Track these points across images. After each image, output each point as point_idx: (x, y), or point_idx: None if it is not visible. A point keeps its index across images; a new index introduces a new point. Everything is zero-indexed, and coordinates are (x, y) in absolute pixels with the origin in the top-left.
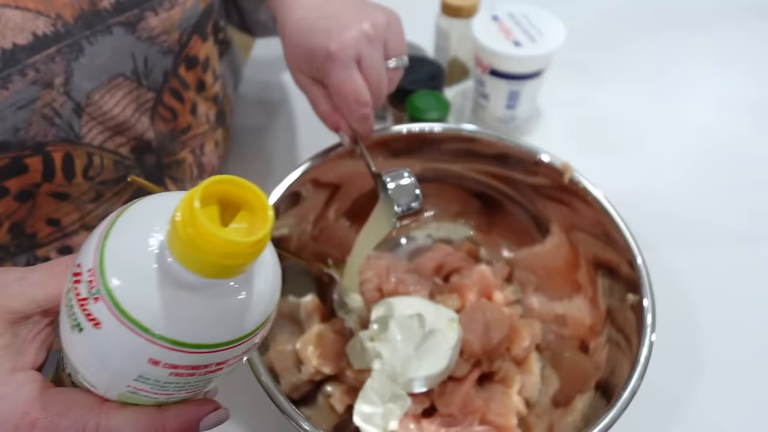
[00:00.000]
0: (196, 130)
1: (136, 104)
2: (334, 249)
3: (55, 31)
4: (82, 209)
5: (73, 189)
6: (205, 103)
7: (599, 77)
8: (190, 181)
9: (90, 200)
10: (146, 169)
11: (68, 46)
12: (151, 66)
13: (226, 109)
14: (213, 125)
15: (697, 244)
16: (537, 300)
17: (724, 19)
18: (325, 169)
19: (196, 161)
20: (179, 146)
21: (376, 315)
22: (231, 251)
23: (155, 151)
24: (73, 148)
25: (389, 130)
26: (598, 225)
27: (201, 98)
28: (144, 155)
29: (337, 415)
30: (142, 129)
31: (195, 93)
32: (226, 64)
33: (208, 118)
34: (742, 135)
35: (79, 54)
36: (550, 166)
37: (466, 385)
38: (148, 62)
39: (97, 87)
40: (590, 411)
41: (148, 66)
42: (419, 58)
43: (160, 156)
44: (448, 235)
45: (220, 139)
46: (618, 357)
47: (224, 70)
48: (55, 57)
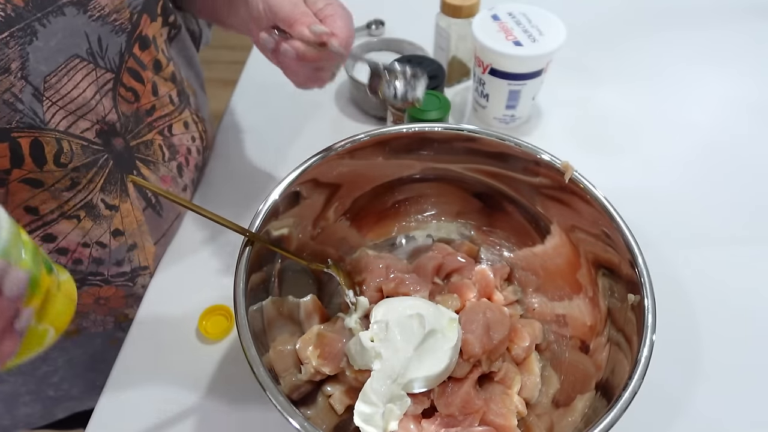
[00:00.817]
0: (161, 111)
1: (96, 86)
2: (334, 249)
3: (6, 15)
4: (58, 198)
5: (47, 176)
6: (165, 84)
7: (599, 77)
8: (163, 162)
9: (65, 188)
10: (115, 153)
11: (21, 30)
12: (105, 45)
13: (189, 91)
14: (177, 106)
15: (697, 244)
16: (537, 300)
17: (724, 19)
18: (325, 169)
19: (165, 142)
20: (146, 128)
21: (376, 315)
22: None
23: (121, 134)
24: (40, 134)
25: (389, 130)
26: (598, 225)
27: (160, 78)
28: (111, 138)
29: (337, 416)
30: (104, 111)
31: (153, 73)
32: (177, 49)
33: (171, 98)
34: (741, 134)
35: (33, 37)
36: (550, 165)
37: (466, 385)
38: (102, 42)
39: (53, 70)
40: (590, 411)
41: (103, 46)
42: (419, 58)
43: (127, 139)
44: (448, 235)
45: (189, 120)
46: (618, 357)
47: (175, 54)
48: (9, 42)
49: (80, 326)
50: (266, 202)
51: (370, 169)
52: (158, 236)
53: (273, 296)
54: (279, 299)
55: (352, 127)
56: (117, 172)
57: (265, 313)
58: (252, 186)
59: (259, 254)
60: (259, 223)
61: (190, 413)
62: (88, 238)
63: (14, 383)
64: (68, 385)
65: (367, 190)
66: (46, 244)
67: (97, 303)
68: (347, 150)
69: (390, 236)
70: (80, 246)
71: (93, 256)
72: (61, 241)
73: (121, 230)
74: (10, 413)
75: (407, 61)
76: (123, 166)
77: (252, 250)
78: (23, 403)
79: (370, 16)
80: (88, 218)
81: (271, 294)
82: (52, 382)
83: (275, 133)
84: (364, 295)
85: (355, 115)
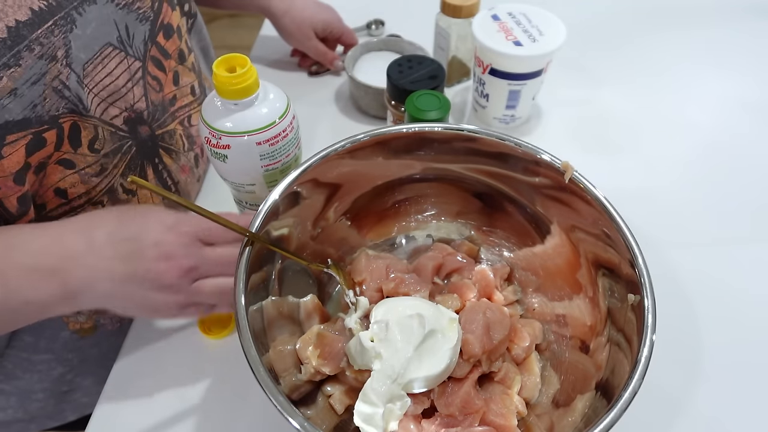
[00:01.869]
0: (182, 101)
1: (128, 74)
2: (334, 249)
3: (48, 4)
4: (87, 182)
5: (78, 159)
6: (188, 74)
7: (599, 77)
8: (183, 152)
9: (95, 174)
10: (140, 140)
11: (62, 18)
12: (132, 34)
13: (206, 83)
14: (198, 97)
15: (698, 244)
16: (537, 300)
17: (724, 19)
18: (325, 169)
19: (185, 133)
20: (169, 117)
21: (376, 315)
22: (233, 81)
23: (147, 122)
24: (80, 119)
25: (389, 130)
26: (598, 225)
27: (183, 68)
28: (137, 126)
29: (337, 416)
30: (133, 99)
31: (176, 63)
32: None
33: (192, 89)
34: (741, 134)
35: (72, 25)
36: (550, 165)
37: (466, 385)
38: (129, 30)
39: (90, 58)
40: (590, 411)
41: (130, 34)
42: (419, 58)
43: (153, 127)
44: (448, 235)
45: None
46: (618, 357)
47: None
48: (54, 30)
49: (97, 323)
50: (266, 202)
51: (370, 169)
52: None
53: (273, 296)
54: (279, 299)
55: (352, 127)
56: (138, 158)
57: (265, 313)
58: None
59: (259, 254)
60: (259, 223)
61: (190, 413)
62: None
63: (29, 380)
64: (80, 378)
65: (367, 190)
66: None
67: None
68: (347, 150)
69: (390, 236)
70: None
71: None
72: None
73: None
74: (23, 407)
75: (407, 61)
76: (146, 154)
77: (252, 250)
78: (36, 399)
79: (370, 16)
80: (109, 203)
81: (271, 294)
82: (66, 379)
83: None
84: (364, 295)
85: (355, 115)
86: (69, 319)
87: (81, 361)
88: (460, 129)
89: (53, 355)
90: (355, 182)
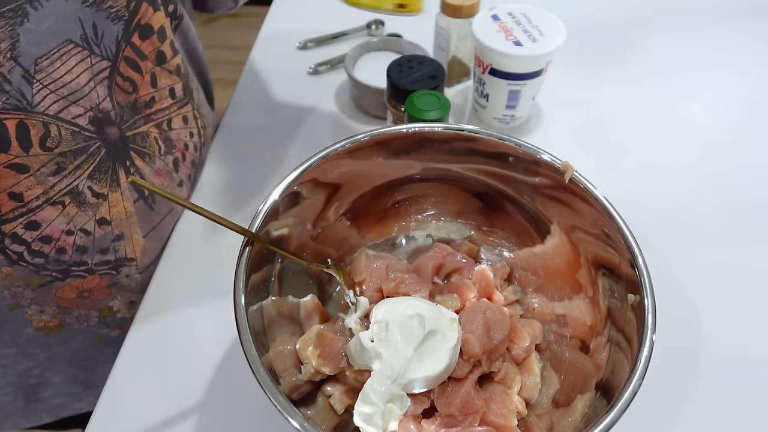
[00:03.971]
0: (160, 104)
1: (90, 73)
2: (334, 249)
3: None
4: (44, 183)
5: (32, 161)
6: (168, 77)
7: (599, 77)
8: (158, 155)
9: (51, 173)
10: (109, 142)
11: (11, 11)
12: (101, 32)
13: (193, 86)
14: (179, 100)
15: (698, 244)
16: (537, 300)
17: (725, 19)
18: (325, 169)
19: (162, 136)
20: (142, 120)
21: (376, 315)
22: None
23: (116, 123)
24: (26, 116)
25: (389, 130)
26: (598, 225)
27: (162, 70)
28: (104, 127)
29: (337, 416)
30: (98, 99)
31: (154, 64)
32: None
33: (173, 92)
34: (742, 135)
35: (24, 19)
36: (550, 165)
37: (466, 385)
38: (97, 28)
39: (45, 53)
40: (591, 411)
41: (98, 32)
42: (419, 58)
43: (122, 128)
44: (448, 235)
45: (189, 116)
46: (618, 357)
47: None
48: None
49: (63, 322)
50: (266, 202)
51: (370, 169)
52: (148, 229)
53: (273, 296)
54: (279, 299)
55: (352, 127)
56: (109, 160)
57: (265, 313)
58: (252, 186)
59: (259, 254)
60: (259, 223)
61: (190, 413)
62: (72, 225)
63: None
64: (50, 374)
65: (367, 190)
66: (30, 232)
67: (81, 297)
68: (347, 150)
69: (390, 236)
70: (64, 234)
71: (77, 243)
72: (45, 229)
73: (107, 219)
74: None
75: (407, 61)
76: (116, 156)
77: (252, 250)
78: (4, 393)
79: (370, 16)
80: (73, 204)
81: (271, 294)
82: (33, 374)
83: (275, 133)
84: (364, 295)
85: (355, 115)
86: (32, 317)
87: (49, 358)
88: (460, 129)
89: (18, 349)
90: (355, 182)
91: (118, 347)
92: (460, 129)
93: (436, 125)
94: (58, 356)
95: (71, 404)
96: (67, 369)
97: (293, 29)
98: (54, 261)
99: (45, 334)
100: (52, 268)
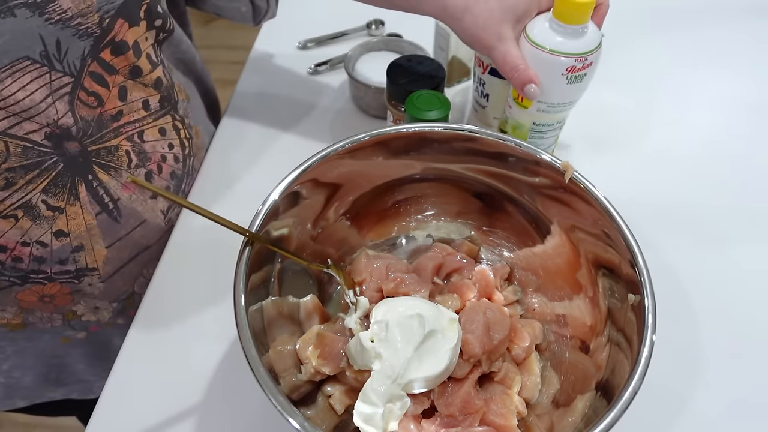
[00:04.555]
0: (130, 117)
1: (48, 89)
2: (334, 249)
3: None
4: None
5: None
6: (143, 89)
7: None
8: (128, 168)
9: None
10: (67, 156)
11: None
12: (65, 49)
13: (179, 97)
14: (154, 112)
15: (698, 243)
16: (537, 300)
17: (724, 19)
18: (325, 169)
19: (135, 149)
20: (111, 133)
21: (376, 315)
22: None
23: (77, 138)
24: None
25: (389, 130)
26: (598, 225)
27: (136, 84)
28: (63, 142)
29: (337, 416)
30: (56, 115)
31: (126, 78)
32: (168, 53)
33: (146, 104)
34: (741, 134)
35: None
36: (550, 165)
37: (466, 385)
38: (61, 45)
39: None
40: (591, 411)
41: (62, 49)
42: (419, 58)
43: (85, 143)
44: (448, 235)
45: (168, 127)
46: (618, 357)
47: (168, 57)
48: None
49: (26, 321)
50: (266, 202)
51: (370, 169)
52: (113, 240)
53: (273, 296)
54: (279, 299)
55: (352, 127)
56: (67, 175)
57: (265, 313)
58: (252, 186)
59: (259, 254)
60: (259, 223)
61: (190, 413)
62: (27, 237)
63: None
64: (19, 373)
65: (367, 190)
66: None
67: (42, 301)
68: (347, 150)
69: (390, 236)
70: (19, 245)
71: (33, 254)
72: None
73: (65, 231)
74: None
75: (407, 61)
76: (76, 170)
77: (252, 250)
78: None
79: (370, 16)
80: (26, 218)
81: (271, 294)
82: (2, 369)
83: (275, 133)
84: (364, 295)
85: (355, 115)
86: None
87: (16, 352)
88: (460, 129)
89: None
90: (355, 182)
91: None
92: (460, 129)
93: (436, 125)
94: (26, 351)
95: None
96: (36, 366)
97: (293, 29)
98: (11, 268)
99: (10, 330)
100: (9, 274)
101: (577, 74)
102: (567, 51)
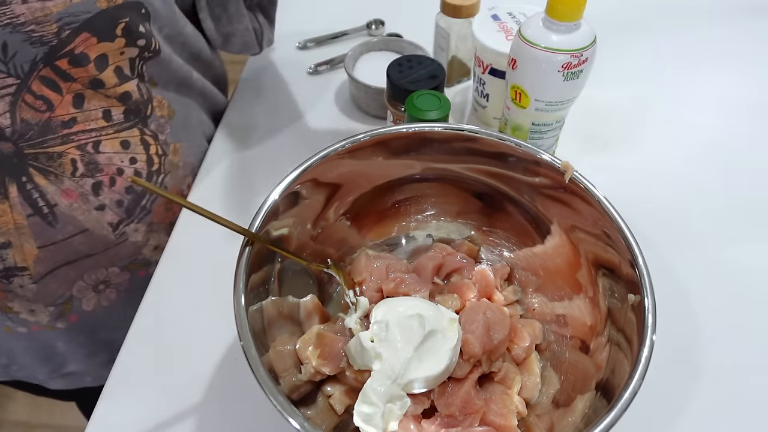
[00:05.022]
0: (85, 125)
1: None
2: (334, 249)
3: None
4: None
5: None
6: (105, 99)
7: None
8: (71, 177)
9: None
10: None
11: None
12: (13, 52)
13: (157, 113)
14: (116, 123)
15: (698, 243)
16: (537, 300)
17: (724, 19)
18: (325, 169)
19: (84, 158)
20: (57, 139)
21: (376, 315)
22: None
23: (11, 139)
24: None
25: (389, 130)
26: (598, 225)
27: (96, 93)
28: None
29: (337, 416)
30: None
31: (85, 87)
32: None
33: (107, 114)
34: (742, 134)
35: None
36: (550, 165)
37: (466, 385)
38: (8, 48)
39: None
40: (591, 411)
41: (9, 52)
42: (419, 58)
43: (20, 145)
44: (448, 235)
45: (135, 141)
46: (618, 357)
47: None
48: None
49: None
50: (266, 202)
51: (370, 169)
52: (46, 243)
53: (273, 296)
54: (279, 299)
55: (352, 127)
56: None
57: (265, 313)
58: (252, 186)
59: (259, 254)
60: (259, 223)
61: (190, 413)
62: None
63: None
64: None
65: (367, 190)
66: None
67: None
68: (347, 150)
69: (390, 236)
70: None
71: None
72: None
73: None
74: None
75: (407, 61)
76: (8, 170)
77: (252, 250)
78: None
79: (370, 16)
80: None
81: (271, 294)
82: None
83: (275, 133)
84: (364, 295)
85: (355, 115)
86: None
87: None
88: (460, 129)
89: None
90: (355, 182)
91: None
92: (460, 129)
93: (436, 125)
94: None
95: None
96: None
97: (293, 29)
98: None
99: None
100: None
101: (573, 71)
102: (562, 48)
